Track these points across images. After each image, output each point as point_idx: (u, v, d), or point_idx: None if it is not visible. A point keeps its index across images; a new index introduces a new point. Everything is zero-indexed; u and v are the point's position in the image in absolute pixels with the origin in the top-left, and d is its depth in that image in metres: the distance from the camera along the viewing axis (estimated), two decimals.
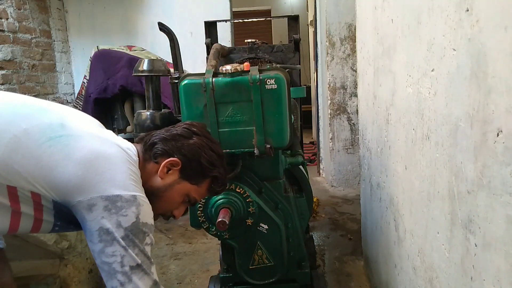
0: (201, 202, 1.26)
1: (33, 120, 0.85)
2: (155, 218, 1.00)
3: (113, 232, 0.81)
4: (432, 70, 0.90)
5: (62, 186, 0.82)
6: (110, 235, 0.81)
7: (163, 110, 1.37)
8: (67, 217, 0.87)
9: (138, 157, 0.96)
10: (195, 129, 1.01)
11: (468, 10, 0.70)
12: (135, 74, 1.40)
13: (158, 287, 0.90)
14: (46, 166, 0.81)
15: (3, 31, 3.16)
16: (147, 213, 0.87)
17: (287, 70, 1.25)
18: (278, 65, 1.83)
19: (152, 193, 0.95)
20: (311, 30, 5.12)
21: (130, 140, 1.04)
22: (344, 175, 3.57)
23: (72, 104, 3.73)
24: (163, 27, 1.45)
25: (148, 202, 0.89)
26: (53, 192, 0.83)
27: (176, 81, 1.31)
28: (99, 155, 0.85)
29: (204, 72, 1.17)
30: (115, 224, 0.81)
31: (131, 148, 0.95)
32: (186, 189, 1.00)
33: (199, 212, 1.28)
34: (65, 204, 0.84)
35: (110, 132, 0.99)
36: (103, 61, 3.13)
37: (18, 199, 0.82)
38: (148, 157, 0.98)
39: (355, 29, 2.50)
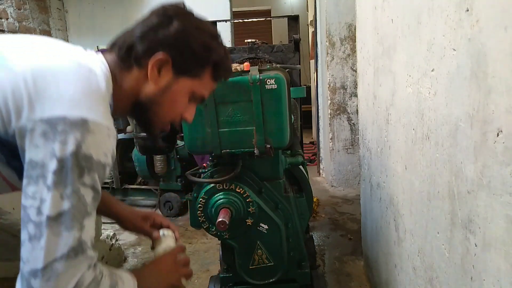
0: (201, 202, 1.26)
1: None
2: (165, 127, 0.87)
3: (42, 165, 0.62)
4: (432, 70, 0.90)
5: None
6: (37, 168, 0.62)
7: None
8: (11, 147, 0.68)
9: (114, 73, 0.78)
10: (172, 12, 0.81)
11: (468, 10, 0.70)
12: None
13: (82, 248, 0.65)
14: None
15: (3, 31, 3.16)
16: (96, 143, 0.66)
17: (287, 70, 1.25)
18: (278, 65, 1.83)
19: (150, 103, 0.82)
20: (311, 30, 5.12)
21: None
22: (344, 175, 3.57)
23: None
24: None
25: (109, 132, 0.69)
26: None
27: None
28: (43, 70, 0.67)
29: None
30: (48, 154, 0.62)
31: (100, 65, 0.75)
32: (187, 86, 0.84)
33: (199, 212, 1.28)
34: (5, 139, 0.67)
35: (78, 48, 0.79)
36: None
37: None
38: (128, 64, 0.80)
39: (355, 29, 2.50)
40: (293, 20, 2.20)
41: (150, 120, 0.85)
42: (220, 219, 1.16)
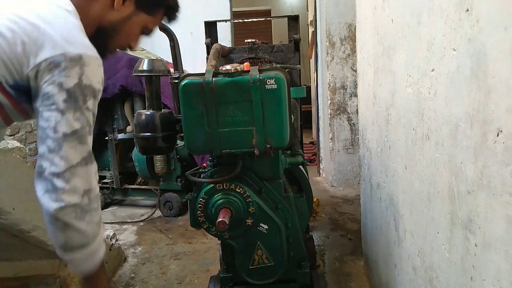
0: (201, 202, 1.26)
1: None
2: (114, 52, 1.02)
3: (53, 95, 0.77)
4: (432, 70, 0.90)
5: (8, 60, 0.77)
6: (50, 99, 0.77)
7: (163, 110, 1.37)
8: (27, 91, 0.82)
9: (79, 5, 0.89)
10: None
11: (468, 10, 0.70)
12: (135, 74, 1.39)
13: (92, 161, 0.83)
14: None
15: None
16: (93, 74, 0.81)
17: (287, 70, 1.25)
18: (278, 65, 1.83)
19: (110, 29, 0.95)
20: (311, 30, 5.12)
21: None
22: (344, 175, 3.57)
23: None
24: (163, 27, 1.44)
25: (97, 62, 0.83)
26: (4, 70, 0.78)
27: (176, 81, 1.31)
28: (29, 16, 0.78)
29: (204, 72, 1.17)
30: (56, 87, 0.77)
31: (68, 3, 0.86)
32: (143, 20, 1.00)
33: (199, 212, 1.28)
34: (20, 83, 0.80)
35: None
36: (103, 61, 3.13)
37: None
38: None
39: (355, 29, 2.50)
40: (293, 20, 2.20)
41: (106, 45, 0.97)
42: (220, 219, 1.16)
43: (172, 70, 1.45)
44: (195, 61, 3.37)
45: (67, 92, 0.77)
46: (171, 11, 1.04)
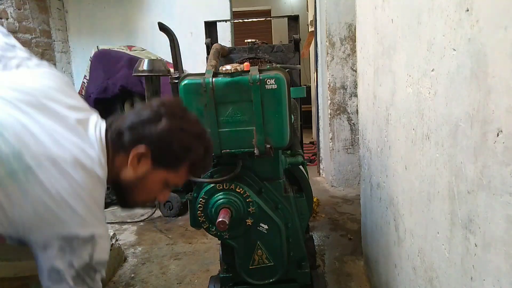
0: (201, 202, 1.26)
1: None
2: (139, 205, 1.01)
3: (64, 273, 0.80)
4: (432, 70, 0.90)
5: (18, 224, 0.78)
6: (59, 275, 0.80)
7: None
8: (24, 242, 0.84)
9: (107, 146, 0.89)
10: (164, 110, 0.91)
11: (468, 10, 0.70)
12: (135, 74, 1.40)
13: None
14: (3, 205, 0.76)
15: None
16: (102, 250, 0.85)
17: (287, 70, 1.25)
18: (278, 65, 1.83)
19: (126, 185, 0.93)
20: (311, 30, 5.12)
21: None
22: (344, 175, 3.57)
23: None
24: (163, 27, 1.45)
25: (106, 234, 0.87)
26: (10, 228, 0.79)
27: (176, 81, 1.31)
28: (54, 194, 0.78)
29: (204, 72, 1.17)
30: (66, 264, 0.80)
31: (100, 159, 0.86)
32: (163, 176, 0.94)
33: (199, 212, 1.28)
34: (20, 239, 0.82)
35: (79, 127, 0.86)
36: (103, 61, 3.13)
37: None
38: (117, 148, 0.91)
39: (355, 29, 2.50)
40: (293, 20, 2.20)
41: (125, 198, 0.97)
42: (220, 219, 1.16)
43: (172, 70, 1.45)
44: (195, 61, 3.38)
45: (76, 271, 0.80)
46: (195, 166, 0.96)
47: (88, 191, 0.83)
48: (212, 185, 1.26)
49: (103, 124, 0.92)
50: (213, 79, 1.14)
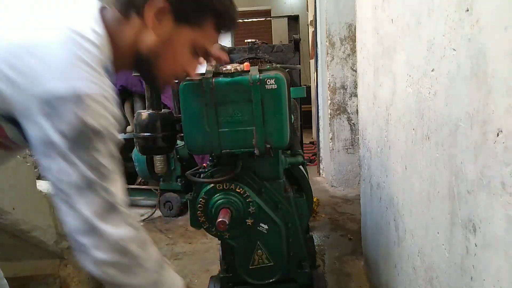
0: (201, 202, 1.26)
1: None
2: (169, 82, 0.87)
3: (55, 143, 0.64)
4: (432, 70, 0.90)
5: None
6: (51, 148, 0.65)
7: (163, 110, 1.37)
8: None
9: (113, 29, 0.75)
10: None
11: (468, 10, 0.70)
12: (135, 74, 1.40)
13: (116, 209, 0.70)
14: None
15: None
16: (97, 113, 0.66)
17: (287, 70, 1.25)
18: (278, 65, 1.83)
19: (151, 55, 0.80)
20: (311, 30, 5.12)
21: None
22: (344, 175, 3.57)
23: None
24: None
25: (106, 98, 0.68)
26: None
27: (176, 81, 1.31)
28: (28, 46, 0.65)
29: (204, 72, 1.17)
30: (56, 133, 0.64)
31: (93, 25, 0.71)
32: (189, 36, 0.81)
33: (199, 212, 1.28)
34: (8, 115, 0.68)
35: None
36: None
37: None
38: (128, 14, 0.78)
39: (355, 29, 2.50)
40: (293, 20, 2.21)
41: (154, 75, 0.84)
42: (220, 219, 1.16)
43: None
44: None
45: (69, 140, 0.65)
46: (222, 16, 0.83)
47: (72, 47, 0.66)
48: (212, 185, 1.26)
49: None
50: (213, 79, 1.14)
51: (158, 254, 0.78)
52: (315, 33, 4.03)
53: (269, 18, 6.74)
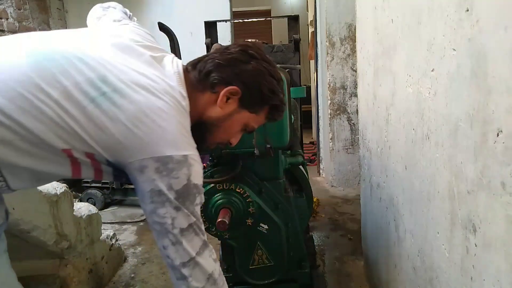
0: None
1: (70, 77, 0.78)
2: (212, 146, 1.00)
3: (165, 194, 0.80)
4: (432, 70, 0.90)
5: (112, 147, 0.79)
6: (162, 196, 0.80)
7: None
8: (121, 169, 0.85)
9: (190, 93, 0.89)
10: (252, 52, 0.93)
11: (468, 10, 0.70)
12: None
13: (207, 246, 0.87)
14: (95, 129, 0.78)
15: (3, 31, 3.16)
16: (197, 173, 0.84)
17: (287, 70, 1.25)
18: (278, 65, 1.83)
19: (210, 124, 0.93)
20: (311, 30, 5.12)
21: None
22: (344, 175, 3.57)
23: None
24: (163, 27, 1.45)
25: (199, 160, 0.85)
26: (105, 152, 0.80)
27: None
28: (146, 113, 0.79)
29: None
30: (166, 186, 0.79)
31: (180, 91, 0.86)
32: (246, 118, 0.96)
33: None
34: (117, 164, 0.82)
35: (156, 61, 0.88)
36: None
37: (75, 158, 0.82)
38: (203, 87, 0.92)
39: (355, 29, 2.50)
40: (293, 20, 2.20)
41: (204, 138, 0.96)
42: (220, 219, 1.16)
43: None
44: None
45: (176, 193, 0.80)
46: (276, 109, 0.99)
47: (176, 115, 0.82)
48: (212, 185, 1.26)
49: (179, 61, 0.93)
50: None
51: (226, 283, 0.93)
52: (315, 33, 4.03)
53: (269, 18, 6.74)
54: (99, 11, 1.14)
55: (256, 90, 0.93)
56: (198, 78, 0.92)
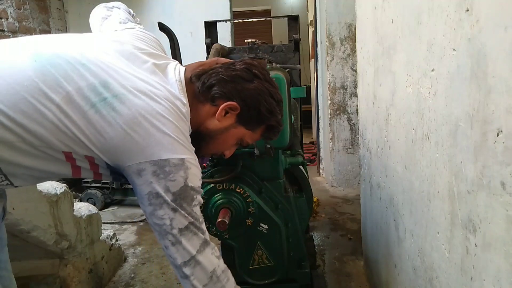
0: None
1: (73, 83, 0.81)
2: (207, 156, 1.02)
3: (163, 196, 0.82)
4: (432, 70, 0.90)
5: (111, 150, 0.82)
6: (159, 199, 0.82)
7: None
8: (120, 172, 0.87)
9: (190, 102, 0.93)
10: (256, 71, 0.97)
11: (468, 10, 0.70)
12: None
13: (208, 244, 0.89)
14: (94, 133, 0.80)
15: (3, 31, 3.16)
16: (195, 176, 0.86)
17: (287, 70, 1.25)
18: (278, 65, 1.83)
19: (207, 135, 0.96)
20: (311, 30, 5.12)
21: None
22: (344, 175, 3.57)
23: None
24: (163, 27, 1.45)
25: (196, 163, 0.88)
26: (104, 156, 0.83)
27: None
28: (145, 117, 0.81)
29: None
30: (163, 189, 0.82)
31: (181, 98, 0.89)
32: (241, 133, 0.99)
33: None
34: (116, 167, 0.85)
35: (158, 67, 0.91)
36: None
37: (75, 161, 0.84)
38: (204, 98, 0.95)
39: (355, 29, 2.50)
40: (293, 20, 2.21)
41: (199, 148, 0.97)
42: (220, 219, 1.16)
43: None
44: (195, 61, 3.37)
45: (173, 195, 0.83)
46: (272, 129, 1.02)
47: (174, 120, 0.85)
48: (212, 185, 1.26)
49: (182, 69, 0.96)
50: None
51: (232, 277, 0.94)
52: (315, 33, 4.03)
53: (269, 18, 6.74)
54: (103, 11, 1.15)
55: (255, 109, 0.96)
56: (201, 89, 0.95)
